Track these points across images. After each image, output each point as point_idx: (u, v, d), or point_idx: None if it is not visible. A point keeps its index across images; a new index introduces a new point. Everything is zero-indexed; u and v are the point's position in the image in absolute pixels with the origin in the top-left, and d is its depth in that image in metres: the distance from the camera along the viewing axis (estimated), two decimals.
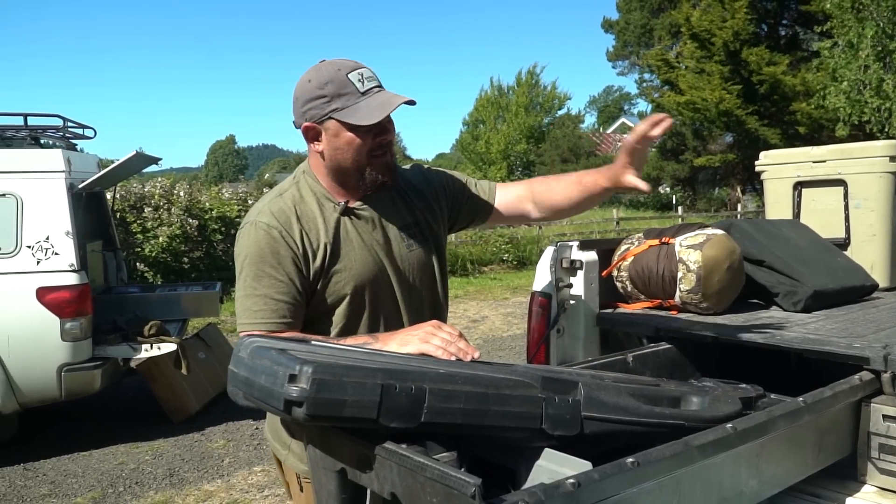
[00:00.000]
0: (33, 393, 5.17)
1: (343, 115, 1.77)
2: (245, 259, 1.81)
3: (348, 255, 1.86)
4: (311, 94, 1.79)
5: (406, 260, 1.96)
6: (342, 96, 1.77)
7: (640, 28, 35.52)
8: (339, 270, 1.84)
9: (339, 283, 1.84)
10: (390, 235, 1.94)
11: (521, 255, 16.82)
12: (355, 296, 1.86)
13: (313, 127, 1.81)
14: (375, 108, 1.77)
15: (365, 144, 1.81)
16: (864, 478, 2.14)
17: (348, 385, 1.28)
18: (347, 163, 1.83)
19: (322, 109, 1.78)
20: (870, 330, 2.57)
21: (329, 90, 1.77)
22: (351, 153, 1.82)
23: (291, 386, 1.27)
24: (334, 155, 1.83)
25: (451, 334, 1.63)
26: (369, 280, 1.87)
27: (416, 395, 1.33)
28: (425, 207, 2.05)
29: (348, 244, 1.86)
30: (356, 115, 1.76)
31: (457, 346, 1.60)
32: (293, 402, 1.27)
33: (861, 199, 3.82)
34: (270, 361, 1.33)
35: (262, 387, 1.33)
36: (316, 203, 1.88)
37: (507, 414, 1.41)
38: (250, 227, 1.83)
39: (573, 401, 1.51)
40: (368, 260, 1.88)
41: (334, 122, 1.78)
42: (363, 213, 1.91)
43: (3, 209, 5.10)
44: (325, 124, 1.80)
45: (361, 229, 1.90)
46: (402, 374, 1.35)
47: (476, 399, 1.38)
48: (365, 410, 1.29)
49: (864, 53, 15.30)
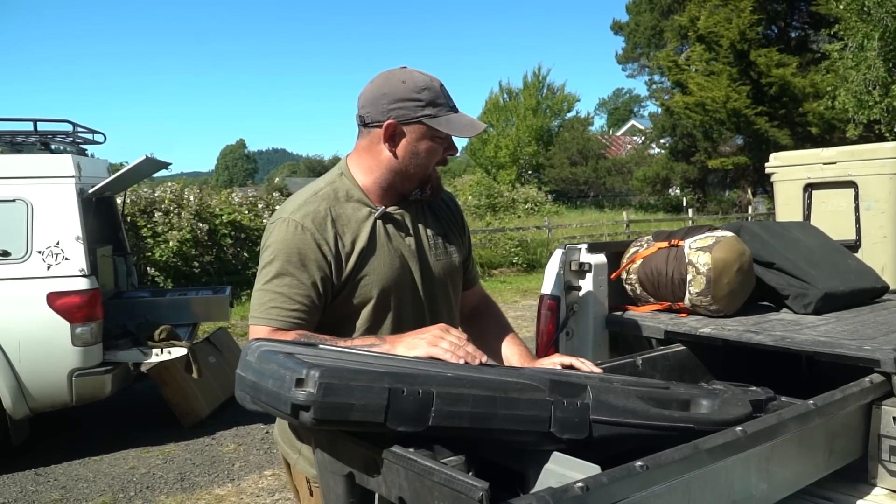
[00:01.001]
0: (44, 398, 5.18)
1: (437, 122, 1.80)
2: (272, 253, 1.81)
3: (378, 259, 1.86)
4: (404, 95, 1.80)
5: (433, 268, 1.97)
6: (436, 105, 1.80)
7: (650, 30, 35.43)
8: (368, 274, 1.85)
9: (367, 287, 1.85)
10: (422, 242, 1.96)
11: (530, 258, 16.81)
12: (381, 299, 1.86)
13: (396, 126, 1.82)
14: (466, 124, 1.83)
15: (437, 154, 1.85)
16: (874, 480, 2.12)
17: (355, 389, 1.27)
18: (417, 168, 1.86)
19: (414, 112, 1.79)
20: (880, 332, 2.55)
21: (426, 96, 1.79)
22: (425, 160, 1.85)
23: (299, 390, 1.26)
24: (409, 158, 1.85)
25: (459, 338, 1.63)
26: (396, 284, 1.88)
27: (423, 398, 1.31)
28: (454, 226, 2.09)
29: (380, 248, 1.87)
30: (449, 126, 1.80)
31: (465, 350, 1.60)
32: (300, 406, 1.26)
33: (872, 200, 3.81)
34: (278, 365, 1.33)
35: (269, 391, 1.32)
36: (352, 206, 1.88)
37: (515, 417, 1.40)
38: (283, 223, 1.82)
39: (582, 404, 1.50)
40: (397, 265, 1.88)
41: (423, 126, 1.81)
42: (398, 218, 1.92)
43: (14, 214, 5.13)
44: (410, 126, 1.81)
45: (394, 234, 1.91)
46: (410, 378, 1.34)
47: (484, 402, 1.37)
48: (372, 414, 1.28)
49: (873, 54, 15.28)
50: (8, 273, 5.06)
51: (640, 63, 39.71)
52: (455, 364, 1.56)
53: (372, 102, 1.84)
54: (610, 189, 38.40)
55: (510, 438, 1.44)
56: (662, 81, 33.94)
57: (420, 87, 1.80)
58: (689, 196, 33.14)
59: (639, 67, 40.52)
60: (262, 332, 1.74)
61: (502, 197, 27.30)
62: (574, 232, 20.09)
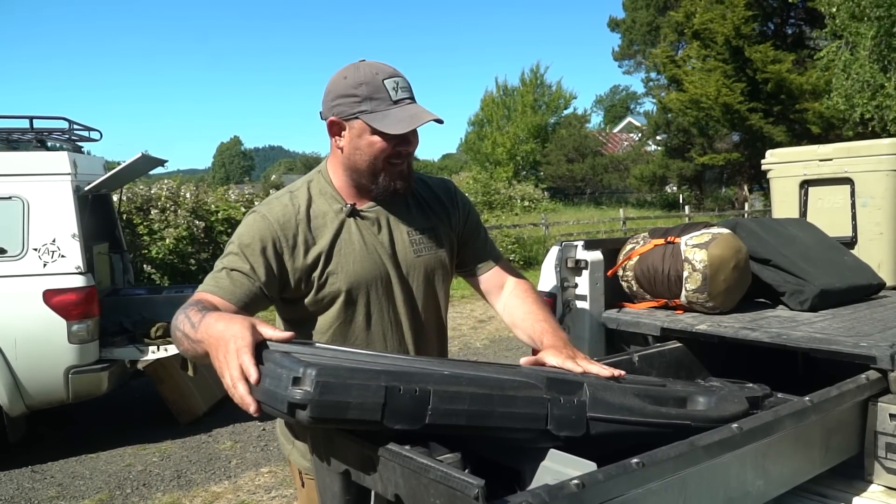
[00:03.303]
0: (41, 395, 5.18)
1: (370, 118, 1.80)
2: (234, 239, 1.85)
3: (346, 256, 1.87)
4: (343, 91, 1.82)
5: (411, 264, 1.97)
6: (374, 100, 1.80)
7: (646, 26, 35.44)
8: (335, 271, 1.86)
9: (335, 284, 1.86)
10: (397, 239, 1.95)
11: (527, 255, 16.82)
12: (349, 297, 1.87)
13: (338, 122, 1.84)
14: (403, 119, 1.80)
15: (384, 150, 1.83)
16: (871, 477, 2.13)
17: (352, 387, 1.27)
18: (363, 164, 1.86)
19: (351, 108, 1.81)
20: (877, 329, 2.56)
21: (362, 91, 1.80)
22: (369, 156, 1.84)
23: (295, 389, 1.26)
24: (352, 154, 1.85)
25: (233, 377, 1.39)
26: (365, 282, 1.89)
27: (420, 396, 1.32)
28: (443, 217, 2.07)
29: (349, 245, 1.88)
30: (383, 122, 1.79)
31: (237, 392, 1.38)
32: (297, 404, 1.26)
33: (868, 197, 3.81)
34: (274, 364, 1.32)
35: (266, 390, 1.32)
36: (324, 203, 1.91)
37: (512, 415, 1.40)
38: (250, 215, 1.88)
39: (578, 402, 1.50)
40: (367, 262, 1.89)
41: (360, 122, 1.81)
42: (369, 215, 1.93)
43: (10, 212, 5.12)
44: (350, 122, 1.83)
45: (366, 231, 1.91)
46: (407, 376, 1.34)
47: (481, 400, 1.37)
48: (369, 412, 1.28)
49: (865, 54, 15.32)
50: (4, 270, 5.05)
51: (636, 60, 39.74)
52: (451, 362, 1.56)
53: (323, 100, 1.89)
54: (607, 186, 38.38)
55: (507, 436, 1.44)
56: (658, 78, 33.93)
57: (358, 83, 1.81)
58: (685, 193, 33.15)
59: (635, 64, 40.58)
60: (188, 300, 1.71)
61: (499, 194, 27.32)
62: (571, 229, 20.12)
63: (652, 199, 34.95)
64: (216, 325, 1.47)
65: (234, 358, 1.37)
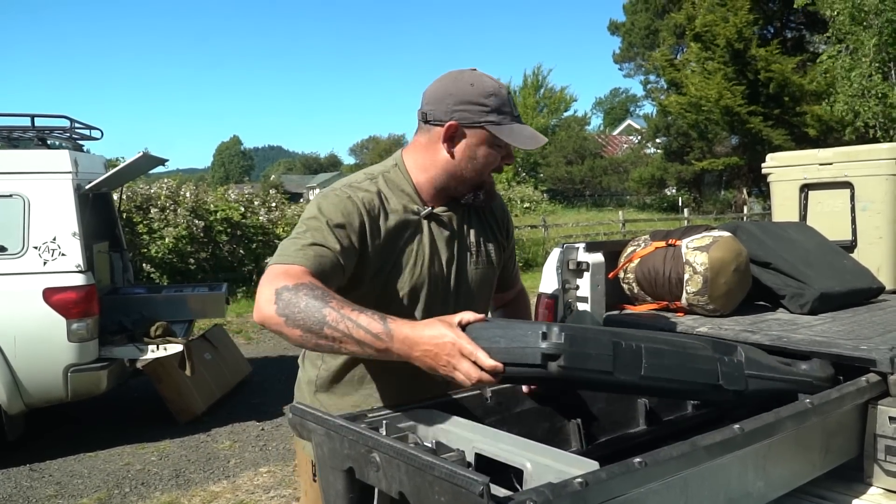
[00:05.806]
0: (39, 393, 5.18)
1: (498, 130, 1.80)
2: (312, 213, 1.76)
3: (416, 257, 1.85)
4: (470, 98, 1.80)
5: (471, 275, 1.97)
6: (501, 113, 1.81)
7: (646, 30, 35.48)
8: (402, 270, 1.84)
9: (399, 283, 1.84)
10: (464, 248, 1.96)
11: (526, 257, 16.80)
12: (410, 297, 1.86)
13: (458, 127, 1.81)
14: (528, 136, 1.84)
15: (495, 163, 1.86)
16: (870, 480, 2.13)
17: (590, 340, 1.46)
18: (471, 173, 1.86)
19: (478, 116, 1.80)
20: (876, 332, 2.56)
21: (492, 102, 1.80)
22: (482, 166, 1.85)
23: (546, 342, 1.43)
24: (465, 161, 1.84)
25: (471, 362, 1.50)
26: (428, 286, 1.87)
27: (637, 351, 1.51)
28: (499, 235, 2.09)
29: (420, 247, 1.86)
30: (512, 136, 1.81)
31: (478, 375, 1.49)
32: (549, 355, 1.43)
33: (868, 201, 3.81)
34: (501, 329, 1.49)
35: (507, 349, 1.45)
36: (401, 199, 1.87)
37: (697, 371, 1.62)
38: (332, 193, 1.80)
39: (738, 361, 1.74)
40: (434, 267, 1.88)
41: (484, 132, 1.81)
42: (444, 220, 1.92)
43: (10, 210, 5.12)
44: (472, 130, 1.81)
45: (438, 235, 1.90)
46: (619, 334, 1.54)
47: (677, 357, 1.59)
48: (604, 363, 1.46)
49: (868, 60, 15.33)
50: (4, 268, 5.06)
51: (636, 63, 39.79)
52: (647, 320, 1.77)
53: (437, 101, 1.84)
54: (606, 188, 38.42)
55: (687, 390, 1.68)
56: (658, 81, 33.97)
57: (487, 93, 1.80)
58: (684, 196, 33.17)
59: (635, 67, 40.62)
60: (275, 272, 1.62)
61: None
62: (570, 231, 20.12)
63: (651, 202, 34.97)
64: (423, 331, 1.53)
65: (458, 354, 1.47)
